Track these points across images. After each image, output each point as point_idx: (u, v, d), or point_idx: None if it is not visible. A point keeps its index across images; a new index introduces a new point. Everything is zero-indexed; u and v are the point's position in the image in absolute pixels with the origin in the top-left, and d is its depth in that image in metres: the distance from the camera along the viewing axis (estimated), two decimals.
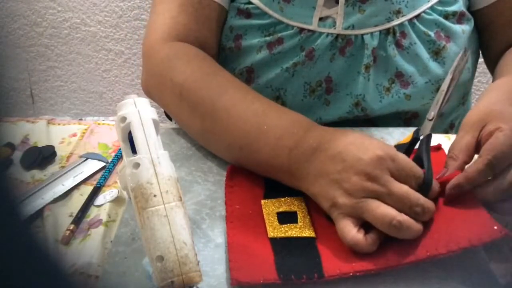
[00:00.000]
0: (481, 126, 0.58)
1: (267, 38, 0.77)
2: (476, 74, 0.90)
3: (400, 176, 0.55)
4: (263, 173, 0.65)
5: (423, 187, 0.56)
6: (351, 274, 0.53)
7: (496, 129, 0.56)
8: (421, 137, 0.61)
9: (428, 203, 0.55)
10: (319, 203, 0.58)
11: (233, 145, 0.65)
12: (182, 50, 0.75)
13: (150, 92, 0.78)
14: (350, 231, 0.54)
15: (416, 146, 0.62)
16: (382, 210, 0.53)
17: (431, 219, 0.56)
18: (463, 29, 0.78)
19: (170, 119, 1.07)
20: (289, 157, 0.60)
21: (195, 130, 0.71)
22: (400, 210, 0.53)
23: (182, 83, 0.70)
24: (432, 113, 0.62)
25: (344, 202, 0.55)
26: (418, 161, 0.59)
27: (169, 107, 0.74)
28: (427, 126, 0.62)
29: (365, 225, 0.55)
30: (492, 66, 0.83)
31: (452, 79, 0.62)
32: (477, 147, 0.59)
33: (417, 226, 0.54)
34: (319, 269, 0.54)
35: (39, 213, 0.64)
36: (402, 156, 0.56)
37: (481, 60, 0.88)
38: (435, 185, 0.57)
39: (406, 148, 0.61)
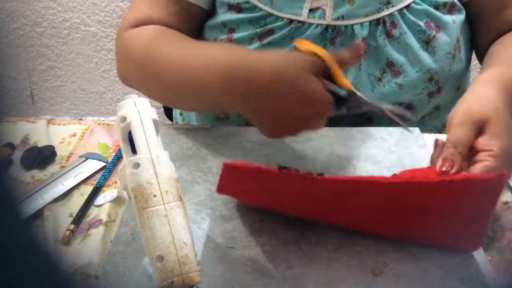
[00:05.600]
0: (479, 128, 0.59)
1: (258, 30, 0.78)
2: (476, 74, 0.89)
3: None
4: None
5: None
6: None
7: (489, 150, 0.57)
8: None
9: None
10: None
11: (190, 96, 0.72)
12: (139, 30, 0.80)
13: (127, 78, 0.83)
14: None
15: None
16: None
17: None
18: (454, 19, 0.79)
19: (171, 119, 1.08)
20: (219, 96, 0.66)
21: (162, 94, 0.78)
22: None
23: (139, 58, 0.77)
24: None
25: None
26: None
27: (137, 82, 0.80)
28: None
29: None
30: (481, 56, 0.84)
31: None
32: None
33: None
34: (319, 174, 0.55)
35: (39, 213, 0.64)
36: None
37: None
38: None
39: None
